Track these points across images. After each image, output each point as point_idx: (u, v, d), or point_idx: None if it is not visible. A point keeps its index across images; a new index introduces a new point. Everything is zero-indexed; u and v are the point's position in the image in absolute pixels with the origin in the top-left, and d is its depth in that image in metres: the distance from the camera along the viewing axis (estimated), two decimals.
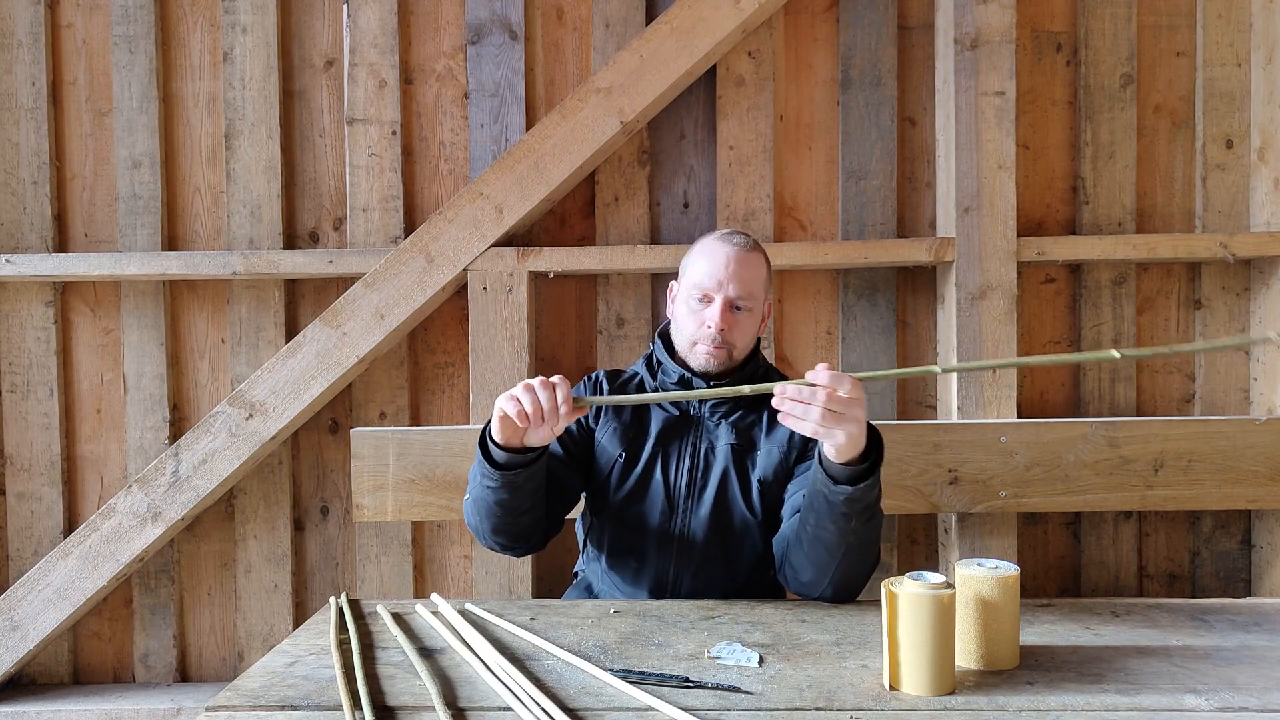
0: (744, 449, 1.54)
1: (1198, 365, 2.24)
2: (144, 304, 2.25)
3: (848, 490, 1.28)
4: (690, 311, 1.53)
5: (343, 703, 1.05)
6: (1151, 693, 1.07)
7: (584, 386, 1.65)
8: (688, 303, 1.54)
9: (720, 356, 1.51)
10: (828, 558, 1.36)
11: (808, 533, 1.37)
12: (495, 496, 1.39)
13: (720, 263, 1.51)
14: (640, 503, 1.54)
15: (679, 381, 1.55)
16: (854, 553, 1.36)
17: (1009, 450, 2.06)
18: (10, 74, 2.22)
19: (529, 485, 1.39)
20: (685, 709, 1.02)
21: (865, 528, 1.34)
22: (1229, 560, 2.25)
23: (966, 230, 2.10)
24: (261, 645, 2.27)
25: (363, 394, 2.26)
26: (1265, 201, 2.18)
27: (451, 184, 2.25)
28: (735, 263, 1.51)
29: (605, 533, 1.58)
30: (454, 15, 2.25)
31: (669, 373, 1.57)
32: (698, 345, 1.52)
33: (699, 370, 1.53)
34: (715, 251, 1.53)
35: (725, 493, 1.52)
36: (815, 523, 1.35)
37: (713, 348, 1.50)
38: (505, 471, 1.36)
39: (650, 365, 1.62)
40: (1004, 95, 2.11)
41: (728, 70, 2.19)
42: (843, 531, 1.32)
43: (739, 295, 1.51)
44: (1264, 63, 2.18)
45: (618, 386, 1.63)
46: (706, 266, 1.52)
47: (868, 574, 1.42)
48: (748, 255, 1.53)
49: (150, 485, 2.14)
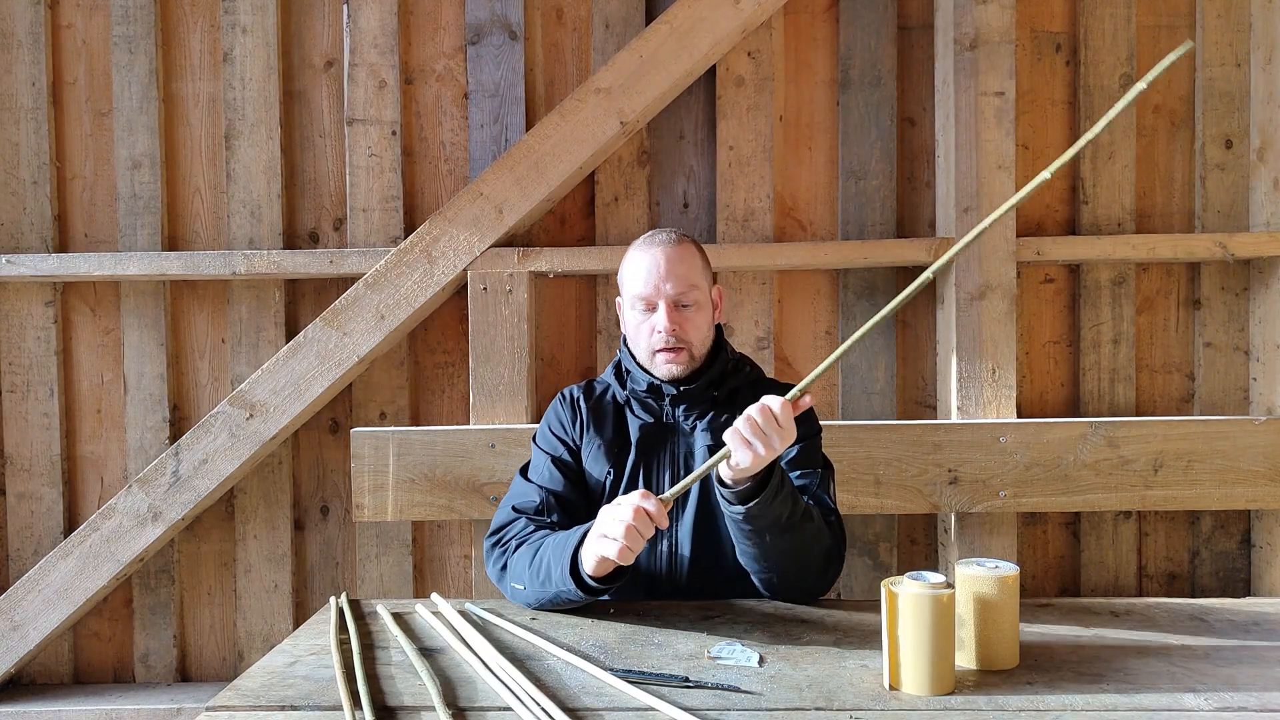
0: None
1: (1197, 365, 2.24)
2: (144, 304, 2.25)
3: (741, 509, 1.29)
4: (638, 324, 1.52)
5: (343, 703, 1.05)
6: (1151, 692, 1.07)
7: (559, 406, 1.63)
8: (633, 315, 1.52)
9: (681, 360, 1.49)
10: (760, 567, 1.39)
11: (737, 546, 1.38)
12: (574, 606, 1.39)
13: (651, 266, 1.49)
14: None
15: (648, 389, 1.54)
16: (782, 563, 1.37)
17: (1009, 450, 2.07)
18: (10, 74, 2.23)
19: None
20: (685, 709, 1.02)
21: (785, 539, 1.34)
22: (1228, 560, 2.25)
23: (966, 230, 2.10)
24: (261, 645, 2.27)
25: (363, 394, 2.26)
26: (1264, 202, 2.18)
27: (451, 184, 2.25)
28: (666, 260, 1.49)
29: None
30: (454, 15, 2.25)
31: (638, 381, 1.55)
32: (656, 355, 1.50)
33: (665, 379, 1.52)
34: (643, 257, 1.51)
35: (708, 497, 1.51)
36: (737, 537, 1.36)
37: (671, 353, 1.49)
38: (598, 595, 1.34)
39: (619, 374, 1.60)
40: (1003, 95, 2.11)
41: (727, 70, 2.20)
42: (764, 543, 1.33)
43: (679, 292, 1.49)
44: (1263, 63, 2.18)
45: (594, 401, 1.60)
46: (640, 274, 1.50)
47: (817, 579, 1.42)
48: (677, 250, 1.51)
49: (150, 485, 2.14)
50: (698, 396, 1.53)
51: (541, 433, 1.62)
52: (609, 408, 1.59)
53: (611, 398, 1.61)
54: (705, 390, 1.53)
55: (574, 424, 1.59)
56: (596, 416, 1.58)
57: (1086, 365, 2.23)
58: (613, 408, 1.59)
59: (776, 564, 1.37)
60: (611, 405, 1.60)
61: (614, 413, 1.59)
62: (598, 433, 1.57)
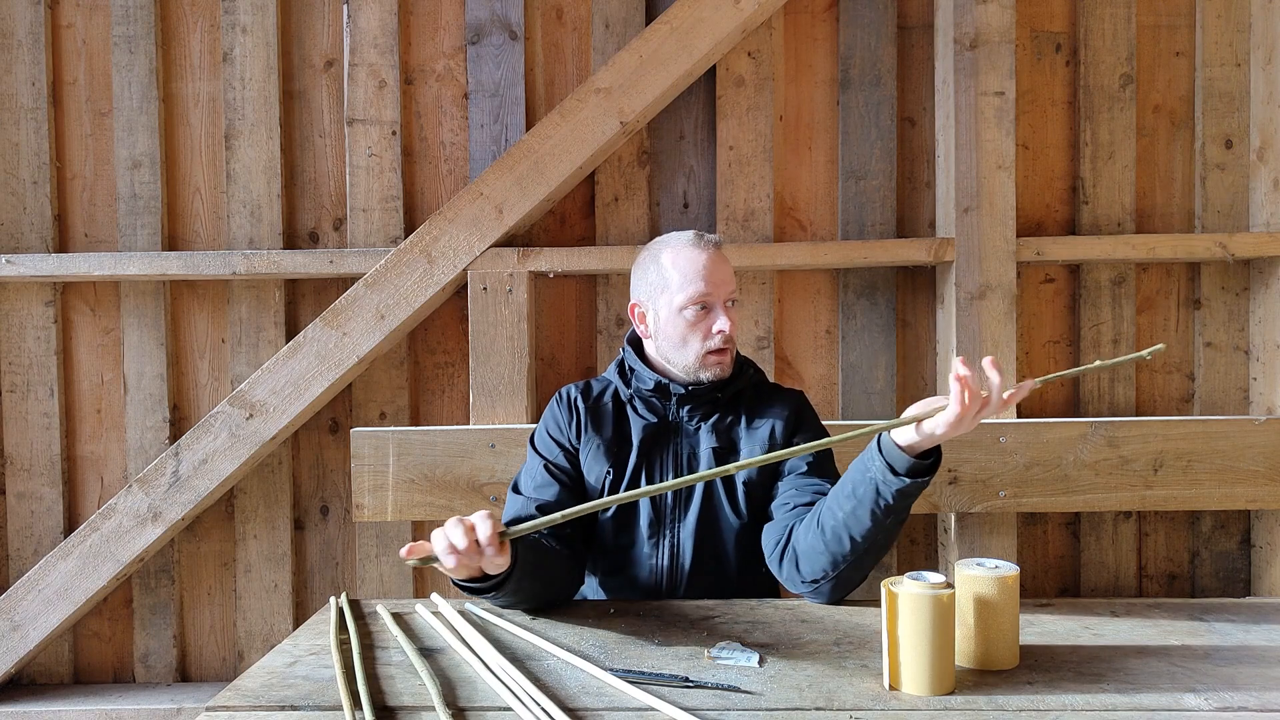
0: (725, 451, 1.52)
1: (1197, 365, 2.24)
2: (144, 304, 2.25)
3: (904, 483, 1.25)
4: (690, 324, 1.50)
5: (343, 703, 1.05)
6: (1151, 692, 1.07)
7: (556, 406, 1.61)
8: (684, 316, 1.50)
9: (728, 361, 1.52)
10: (848, 550, 1.31)
11: (837, 519, 1.31)
12: (506, 603, 1.34)
13: (710, 266, 1.50)
14: (629, 518, 1.52)
15: (655, 388, 1.53)
16: (873, 549, 1.32)
17: (1009, 450, 2.07)
18: (10, 74, 2.23)
19: (525, 582, 1.29)
20: (685, 709, 1.02)
21: (894, 527, 1.32)
22: (1228, 560, 2.25)
23: (966, 230, 2.10)
24: (261, 645, 2.27)
25: (363, 394, 2.26)
26: (1264, 201, 2.18)
27: (451, 184, 2.25)
28: (720, 261, 1.52)
29: (596, 552, 1.56)
30: (454, 15, 2.25)
31: (644, 379, 1.54)
32: (709, 356, 1.50)
33: (712, 380, 1.51)
34: (698, 256, 1.51)
35: (711, 499, 1.51)
36: (851, 510, 1.29)
37: (723, 354, 1.50)
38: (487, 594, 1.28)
39: (623, 373, 1.59)
40: (1003, 95, 2.11)
41: (727, 70, 2.19)
42: (877, 525, 1.28)
43: (732, 291, 1.52)
44: (1263, 63, 2.18)
45: (593, 401, 1.59)
46: (696, 273, 1.49)
47: (864, 576, 1.40)
48: (719, 251, 1.54)
49: (150, 485, 2.14)
50: (704, 397, 1.53)
51: (539, 435, 1.61)
52: (608, 407, 1.58)
53: (612, 396, 1.60)
54: (711, 391, 1.53)
55: (571, 424, 1.58)
56: (595, 416, 1.57)
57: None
58: (613, 406, 1.58)
59: (871, 549, 1.32)
60: (612, 404, 1.59)
61: (614, 412, 1.58)
62: (596, 432, 1.56)
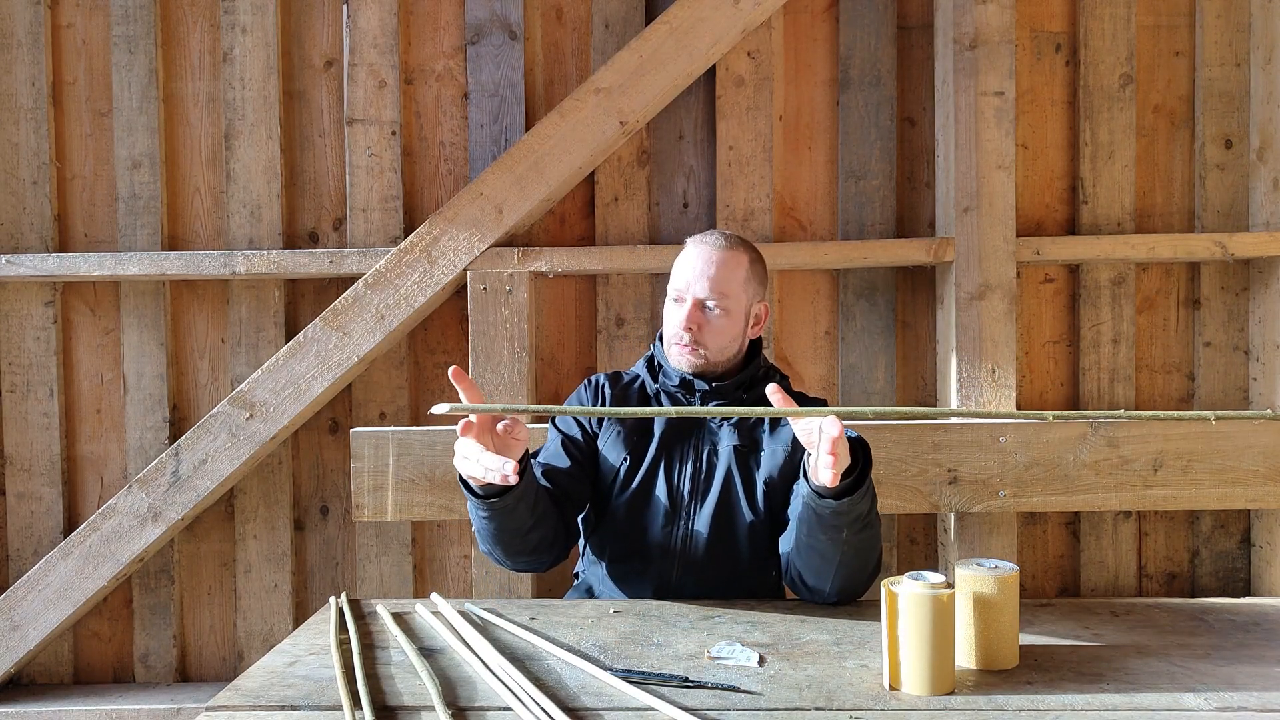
0: (748, 450, 1.54)
1: (1197, 365, 2.24)
2: (144, 304, 2.25)
3: (832, 504, 1.28)
4: (669, 313, 1.57)
5: (343, 703, 1.05)
6: (1150, 692, 1.07)
7: (584, 390, 1.66)
8: (668, 304, 1.58)
9: (692, 358, 1.52)
10: (825, 566, 1.37)
11: (803, 543, 1.37)
12: (492, 525, 1.37)
13: (692, 263, 1.54)
14: (643, 507, 1.54)
15: (680, 384, 1.56)
16: (851, 560, 1.36)
17: (1008, 450, 2.07)
18: (10, 74, 2.22)
19: (521, 506, 1.36)
20: (685, 709, 1.02)
21: (860, 537, 1.34)
22: (1228, 560, 2.25)
23: (966, 230, 2.10)
24: (261, 645, 2.27)
25: (363, 394, 2.26)
26: (1264, 201, 2.18)
27: (451, 184, 2.25)
28: (704, 262, 1.53)
29: (607, 537, 1.58)
30: (454, 15, 2.25)
31: (670, 375, 1.57)
32: (673, 346, 1.54)
33: (677, 369, 1.55)
34: (689, 253, 1.56)
35: (729, 495, 1.52)
36: (808, 534, 1.35)
37: (682, 348, 1.53)
38: (488, 500, 1.33)
39: (651, 367, 1.63)
40: (1003, 95, 2.11)
41: (727, 70, 2.19)
42: (836, 542, 1.33)
43: (707, 295, 1.52)
44: (1263, 63, 2.18)
45: (619, 389, 1.63)
46: (681, 267, 1.56)
47: (870, 579, 1.42)
48: (722, 254, 1.54)
49: (150, 485, 2.14)
50: (728, 396, 1.55)
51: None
52: (634, 397, 1.62)
53: (639, 388, 1.63)
54: (735, 391, 1.56)
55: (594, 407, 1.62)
56: (620, 404, 1.61)
57: (1086, 365, 2.23)
58: (639, 398, 1.62)
59: (848, 561, 1.35)
60: (638, 395, 1.63)
61: (639, 403, 1.62)
62: (618, 420, 1.59)
